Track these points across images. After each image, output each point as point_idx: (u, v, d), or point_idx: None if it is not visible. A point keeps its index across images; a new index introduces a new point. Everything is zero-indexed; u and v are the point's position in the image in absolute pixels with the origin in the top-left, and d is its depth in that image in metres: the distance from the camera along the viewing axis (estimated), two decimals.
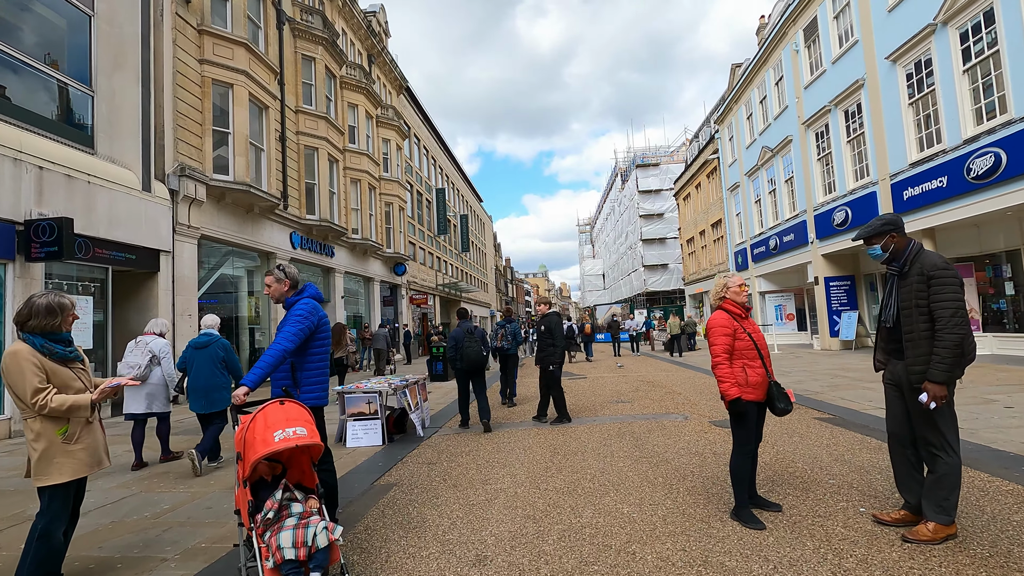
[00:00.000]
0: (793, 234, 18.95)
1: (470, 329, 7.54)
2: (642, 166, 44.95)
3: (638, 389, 10.76)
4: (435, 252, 36.68)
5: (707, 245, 30.89)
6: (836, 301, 17.08)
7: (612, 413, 8.09)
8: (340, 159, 20.09)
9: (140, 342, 5.97)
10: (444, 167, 41.67)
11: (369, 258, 23.57)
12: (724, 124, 26.45)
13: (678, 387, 10.74)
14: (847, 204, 15.35)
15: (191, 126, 12.58)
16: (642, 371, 14.71)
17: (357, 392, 6.87)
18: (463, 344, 7.34)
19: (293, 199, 17.23)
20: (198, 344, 5.88)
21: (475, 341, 7.39)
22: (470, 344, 7.34)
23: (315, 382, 3.53)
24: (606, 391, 10.78)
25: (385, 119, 25.69)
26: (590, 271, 74.16)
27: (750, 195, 23.33)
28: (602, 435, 6.52)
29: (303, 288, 3.69)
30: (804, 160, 17.80)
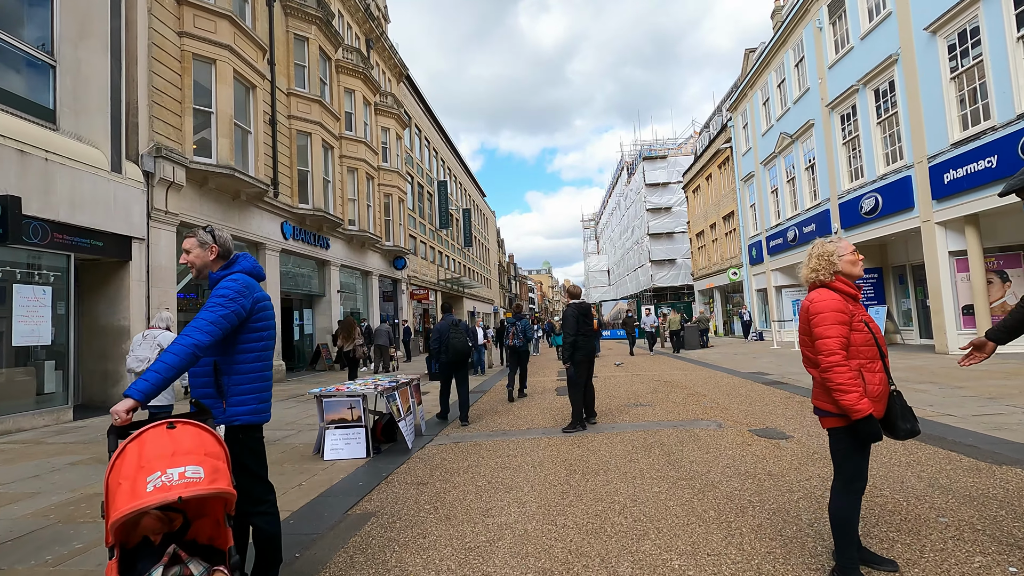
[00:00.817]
0: (814, 224, 17.87)
1: (455, 322, 7.73)
2: (649, 158, 43.80)
3: (656, 390, 9.75)
4: (437, 247, 35.70)
5: (718, 238, 29.80)
6: (863, 295, 15.98)
7: (632, 419, 7.08)
8: (335, 146, 19.10)
9: (148, 336, 5.97)
10: (446, 160, 40.66)
11: (367, 251, 22.59)
12: (737, 111, 25.32)
13: (700, 388, 9.73)
14: (877, 190, 14.27)
15: (169, 104, 11.60)
16: (656, 370, 13.69)
17: (338, 395, 5.88)
18: (448, 336, 7.54)
19: (284, 186, 16.25)
20: None
21: (460, 333, 7.62)
22: (455, 335, 7.55)
23: (248, 391, 2.52)
24: (620, 392, 9.77)
25: (384, 107, 24.69)
26: (595, 267, 73.03)
27: (766, 185, 22.23)
28: (625, 447, 5.52)
29: (235, 259, 2.69)
30: (827, 145, 16.71)
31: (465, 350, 7.59)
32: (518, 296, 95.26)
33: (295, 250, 16.88)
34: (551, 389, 10.93)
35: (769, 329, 23.57)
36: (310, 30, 17.50)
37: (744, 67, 25.79)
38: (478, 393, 10.90)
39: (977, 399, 6.98)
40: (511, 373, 9.93)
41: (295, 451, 6.20)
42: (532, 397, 9.85)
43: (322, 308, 19.17)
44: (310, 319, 19.07)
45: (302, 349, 18.82)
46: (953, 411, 6.32)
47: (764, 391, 8.91)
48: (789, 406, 7.36)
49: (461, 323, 7.90)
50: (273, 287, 15.37)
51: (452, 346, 7.51)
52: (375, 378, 7.08)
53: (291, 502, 4.29)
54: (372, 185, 22.59)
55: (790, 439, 5.45)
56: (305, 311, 18.93)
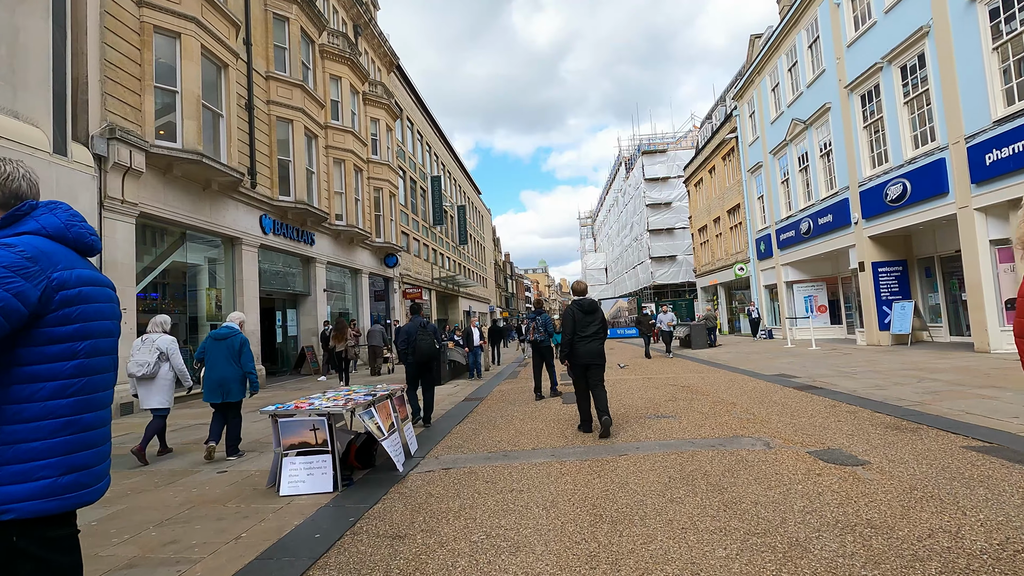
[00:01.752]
0: (831, 215, 16.79)
1: (423, 323, 7.68)
2: (648, 152, 42.72)
3: (675, 397, 8.61)
4: (431, 244, 34.52)
5: (722, 233, 28.72)
6: (886, 290, 14.93)
7: (659, 435, 5.94)
8: (320, 135, 17.89)
9: (147, 340, 6.08)
10: (440, 155, 39.47)
11: (356, 248, 21.39)
12: (743, 99, 24.24)
13: (725, 394, 8.60)
14: (905, 176, 13.18)
15: (126, 80, 10.38)
16: (667, 372, 12.56)
17: (298, 413, 4.71)
18: (416, 338, 7.47)
19: (264, 177, 15.05)
20: (218, 336, 5.97)
21: (428, 335, 7.56)
22: (423, 337, 7.48)
23: (35, 452, 1.36)
24: (635, 399, 8.63)
25: (373, 96, 23.48)
26: (592, 265, 71.96)
27: (775, 175, 21.15)
28: (659, 477, 4.38)
29: (25, 211, 1.50)
30: (846, 129, 15.63)
31: (432, 352, 7.59)
32: (515, 295, 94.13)
33: (276, 246, 15.68)
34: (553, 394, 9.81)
35: (779, 327, 22.52)
36: (291, 9, 16.30)
37: (749, 54, 24.70)
38: (474, 401, 9.74)
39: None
40: (536, 371, 9.91)
41: (248, 482, 5.04)
42: (536, 404, 8.70)
43: (307, 308, 17.98)
44: (294, 320, 17.87)
45: (286, 352, 17.62)
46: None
47: (801, 398, 7.79)
48: (840, 417, 6.24)
49: (429, 325, 7.81)
50: (251, 285, 14.17)
51: (419, 348, 7.46)
52: (349, 390, 5.92)
53: (218, 569, 3.13)
54: (361, 178, 21.39)
55: (868, 466, 4.31)
56: (289, 311, 17.73)
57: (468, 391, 11.41)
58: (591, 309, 6.38)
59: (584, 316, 6.30)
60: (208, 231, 12.83)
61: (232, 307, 13.83)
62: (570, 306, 6.43)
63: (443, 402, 9.81)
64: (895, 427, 5.61)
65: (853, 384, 8.62)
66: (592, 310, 6.38)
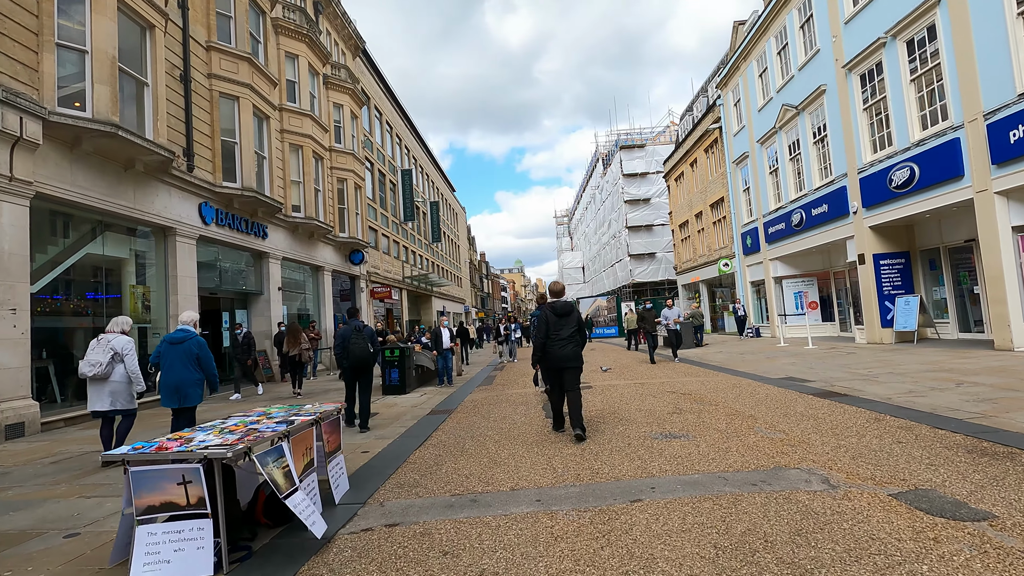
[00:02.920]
0: (826, 205, 15.76)
1: (358, 327, 7.58)
2: (626, 147, 41.70)
3: (680, 408, 7.26)
4: (401, 241, 32.80)
5: (704, 228, 27.74)
6: (888, 284, 13.92)
7: (675, 466, 4.54)
8: (273, 116, 16.14)
9: (102, 340, 5.93)
10: (411, 148, 37.77)
11: (317, 243, 19.65)
12: (728, 88, 23.22)
13: (737, 404, 7.29)
14: (912, 159, 12.15)
15: (17, 33, 8.59)
16: (659, 376, 11.26)
17: (162, 458, 3.16)
18: (350, 342, 7.39)
19: (204, 159, 13.28)
20: (173, 340, 5.70)
21: (362, 339, 7.47)
22: (357, 341, 7.41)
23: None
24: (631, 410, 7.27)
25: (336, 80, 21.77)
26: (569, 264, 70.89)
27: (763, 165, 20.13)
28: (697, 544, 2.97)
29: None
30: (844, 113, 14.59)
31: (366, 357, 7.48)
32: (490, 295, 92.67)
33: (220, 238, 13.92)
34: (535, 403, 8.38)
35: (767, 324, 21.54)
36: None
37: (733, 41, 23.72)
38: (441, 414, 8.24)
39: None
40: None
41: (100, 554, 3.47)
42: (515, 423, 7.25)
43: (259, 308, 16.22)
44: (246, 322, 16.08)
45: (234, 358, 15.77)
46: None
47: (829, 408, 6.51)
48: (898, 437, 4.95)
49: (366, 328, 7.74)
50: (188, 282, 12.41)
51: (352, 353, 7.38)
52: (262, 414, 4.38)
53: None
54: (322, 167, 19.66)
55: (995, 522, 2.99)
56: (238, 312, 15.93)
57: (436, 401, 9.91)
58: (565, 311, 6.08)
59: (558, 319, 6.02)
60: (132, 219, 11.05)
61: (165, 307, 12.06)
62: (544, 307, 6.19)
63: (405, 416, 8.30)
64: (980, 451, 4.33)
65: (882, 390, 7.40)
66: (567, 312, 6.07)
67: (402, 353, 11.45)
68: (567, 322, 5.99)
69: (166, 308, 12.04)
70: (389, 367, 11.41)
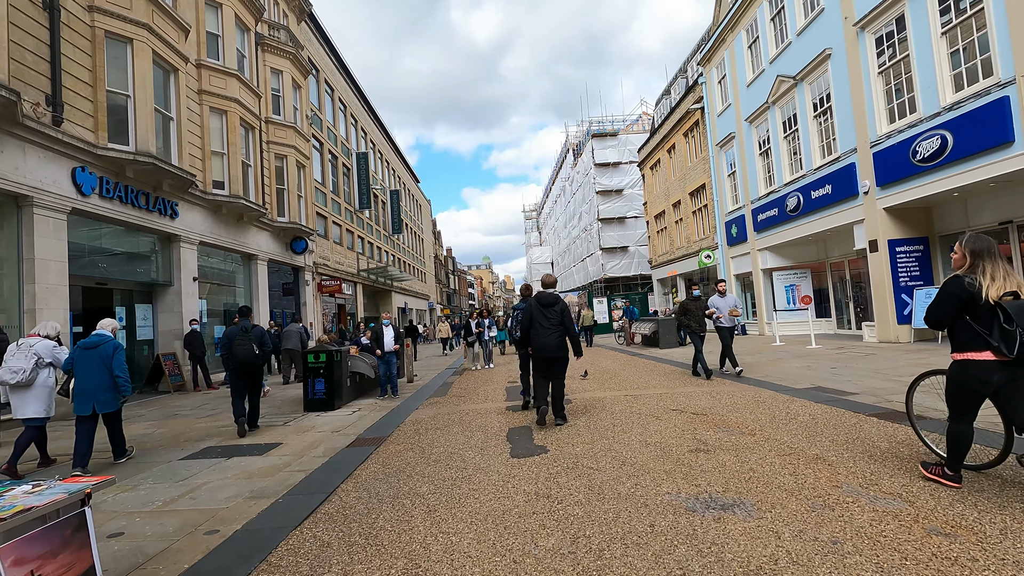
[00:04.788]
0: (829, 185, 13.94)
1: (245, 327, 7.27)
2: (599, 135, 39.74)
3: (702, 442, 5.06)
4: (356, 230, 30.01)
5: (683, 218, 25.93)
6: (905, 274, 12.16)
7: None
8: (182, 70, 13.32)
9: (23, 345, 5.66)
10: (369, 131, 34.91)
11: (248, 227, 16.87)
12: (712, 63, 21.35)
13: (775, 431, 5.16)
14: (943, 126, 10.33)
15: None
16: (651, 386, 9.10)
17: None
18: (234, 343, 7.07)
19: (78, 112, 10.48)
20: (87, 345, 5.59)
21: (247, 340, 7.11)
22: (241, 343, 7.06)
23: None
24: (634, 445, 5.02)
25: (275, 43, 18.96)
26: (538, 259, 68.76)
27: (752, 146, 18.30)
28: None
29: None
30: (853, 79, 12.75)
31: (250, 359, 7.08)
32: (457, 291, 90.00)
33: (108, 214, 11.14)
34: (496, 427, 6.08)
35: (753, 321, 19.80)
36: None
37: (717, 13, 21.84)
38: (367, 446, 5.85)
39: None
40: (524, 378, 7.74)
41: None
42: (466, 462, 4.91)
43: (168, 303, 13.42)
44: (149, 318, 13.28)
45: (135, 362, 12.97)
46: None
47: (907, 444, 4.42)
48: None
49: (255, 329, 7.37)
50: (52, 268, 9.64)
51: (235, 355, 7.03)
52: None
53: None
54: (253, 138, 16.87)
55: None
56: (139, 307, 13.11)
57: (369, 422, 7.51)
58: (550, 302, 6.31)
59: (543, 308, 6.28)
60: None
61: (18, 299, 9.26)
62: (531, 299, 6.54)
63: (315, 451, 5.89)
64: None
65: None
66: (551, 303, 6.30)
67: (330, 358, 8.99)
68: (551, 312, 6.22)
69: (19, 301, 9.24)
70: (313, 376, 8.93)
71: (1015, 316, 3.01)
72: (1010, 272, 3.24)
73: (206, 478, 5.08)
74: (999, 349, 3.07)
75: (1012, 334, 3.01)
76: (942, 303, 3.34)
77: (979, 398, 3.30)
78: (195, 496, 4.52)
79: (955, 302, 3.27)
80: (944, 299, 3.33)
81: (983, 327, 3.17)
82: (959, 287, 3.26)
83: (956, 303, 3.26)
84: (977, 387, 3.25)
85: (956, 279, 3.31)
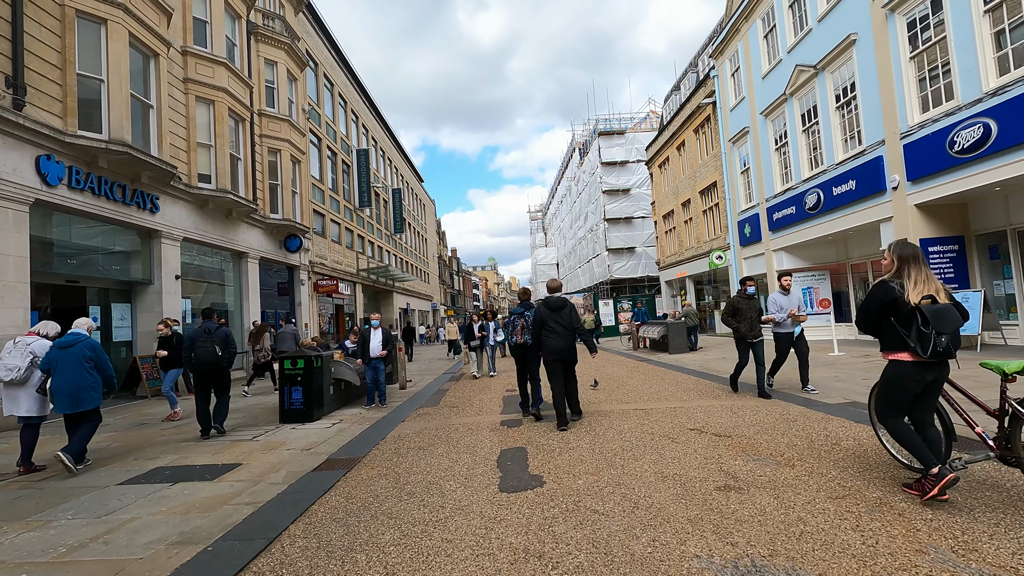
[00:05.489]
0: (853, 181, 13.01)
1: (209, 328, 7.24)
2: (605, 134, 38.82)
3: (731, 475, 4.17)
4: (356, 229, 29.27)
5: (693, 218, 25.00)
6: (939, 275, 11.21)
7: None
8: (164, 54, 12.57)
9: (19, 343, 5.76)
10: (371, 128, 34.19)
11: (238, 224, 16.12)
12: (724, 56, 20.44)
13: (815, 460, 4.26)
14: (986, 113, 9.41)
15: None
16: (668, 397, 8.23)
17: None
18: (196, 344, 7.09)
19: (44, 96, 9.74)
20: (63, 344, 5.65)
21: (209, 341, 7.09)
22: (203, 344, 7.07)
23: None
24: (647, 478, 4.14)
25: (269, 33, 18.24)
26: (543, 260, 67.80)
27: (767, 141, 17.38)
28: None
29: None
30: (882, 65, 11.83)
31: (212, 360, 7.06)
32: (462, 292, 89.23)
33: (79, 207, 10.39)
34: (488, 445, 5.22)
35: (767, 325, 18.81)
36: None
37: (730, 3, 20.93)
38: (335, 470, 5.00)
39: None
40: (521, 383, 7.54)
41: None
42: (445, 497, 4.05)
43: (148, 302, 12.67)
44: (127, 319, 12.52)
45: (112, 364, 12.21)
46: None
47: None
48: None
49: (220, 330, 7.27)
50: (11, 264, 8.88)
51: (197, 356, 7.06)
52: None
53: None
54: (243, 131, 16.11)
55: None
56: (116, 307, 12.36)
57: (347, 436, 6.68)
58: (558, 306, 6.47)
59: (552, 313, 6.45)
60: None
61: None
62: (540, 304, 6.61)
63: (275, 475, 5.06)
64: None
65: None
66: (560, 307, 6.47)
67: (308, 364, 8.16)
68: (560, 316, 6.42)
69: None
70: (290, 384, 8.10)
71: (931, 319, 3.18)
72: (931, 277, 3.40)
73: (136, 512, 4.26)
74: (915, 350, 3.24)
75: (927, 336, 3.18)
76: (868, 307, 3.51)
77: (911, 395, 3.43)
78: (110, 539, 3.69)
79: (878, 305, 3.44)
80: (870, 303, 3.51)
81: (904, 329, 3.32)
82: (883, 291, 3.44)
83: (879, 306, 3.44)
84: (911, 385, 3.39)
85: (882, 283, 3.48)
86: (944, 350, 3.17)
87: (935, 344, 3.15)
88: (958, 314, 3.25)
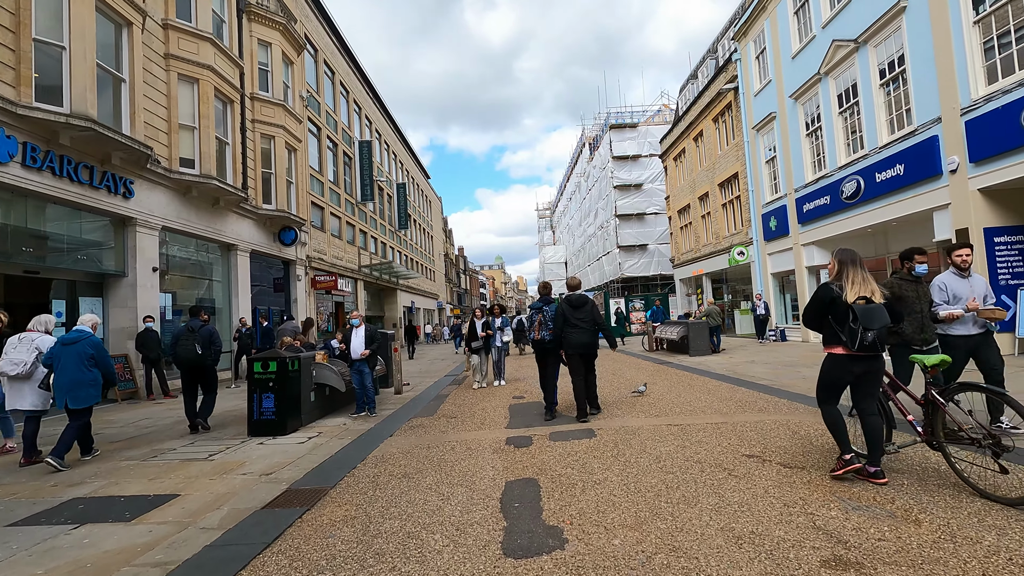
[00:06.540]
0: (901, 165, 11.68)
1: (192, 327, 7.21)
2: (617, 126, 37.46)
3: (846, 546, 2.93)
4: (358, 224, 28.15)
5: (711, 212, 23.64)
6: (1006, 270, 9.88)
7: None
8: (138, 24, 11.45)
9: (24, 338, 5.87)
10: (375, 121, 33.06)
11: (227, 213, 15.00)
12: (748, 37, 19.09)
13: (939, 511, 3.01)
14: None
15: None
16: (704, 409, 6.97)
17: None
18: (178, 343, 7.12)
19: None
20: (66, 340, 5.65)
21: (191, 340, 7.05)
22: (184, 343, 7.06)
23: None
24: (706, 551, 2.90)
25: (262, 12, 17.13)
26: (551, 258, 66.46)
27: (798, 126, 16.03)
28: None
29: None
30: (938, 32, 10.50)
31: (192, 359, 7.07)
32: (468, 292, 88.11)
33: (37, 188, 9.28)
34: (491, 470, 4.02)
35: (796, 325, 17.51)
36: None
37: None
38: (293, 507, 3.74)
39: None
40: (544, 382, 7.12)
41: None
42: (425, 554, 2.85)
43: (122, 296, 11.57)
44: (98, 314, 11.41)
45: None
46: None
47: None
48: None
49: (204, 328, 7.26)
50: None
51: (178, 355, 7.11)
52: None
53: None
54: (232, 113, 14.99)
55: None
56: (85, 301, 11.26)
57: (319, 458, 5.48)
58: (580, 303, 6.65)
59: (574, 310, 6.61)
60: None
61: None
62: (562, 302, 6.73)
63: (213, 514, 3.86)
64: None
65: None
66: (581, 304, 6.65)
67: (282, 367, 6.97)
68: (582, 312, 6.60)
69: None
70: (260, 391, 6.92)
71: (861, 317, 3.54)
72: (868, 279, 3.70)
73: (4, 574, 3.08)
74: (847, 344, 3.61)
75: (855, 332, 3.55)
76: (811, 306, 3.86)
77: (843, 385, 3.82)
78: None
79: (819, 305, 3.78)
80: (813, 303, 3.84)
81: (839, 326, 3.67)
82: (824, 292, 3.78)
83: (820, 306, 3.78)
84: (844, 376, 3.74)
85: (825, 285, 3.82)
86: (871, 344, 3.51)
87: (862, 339, 3.51)
88: (887, 313, 3.59)
